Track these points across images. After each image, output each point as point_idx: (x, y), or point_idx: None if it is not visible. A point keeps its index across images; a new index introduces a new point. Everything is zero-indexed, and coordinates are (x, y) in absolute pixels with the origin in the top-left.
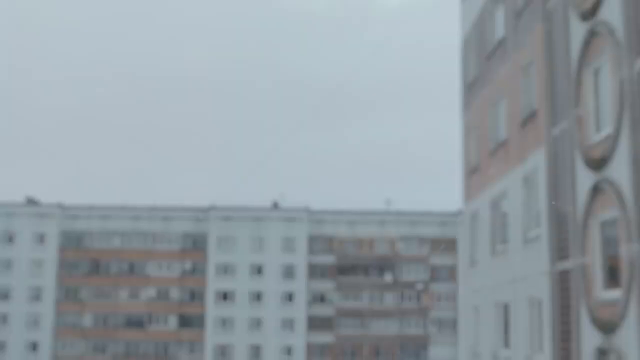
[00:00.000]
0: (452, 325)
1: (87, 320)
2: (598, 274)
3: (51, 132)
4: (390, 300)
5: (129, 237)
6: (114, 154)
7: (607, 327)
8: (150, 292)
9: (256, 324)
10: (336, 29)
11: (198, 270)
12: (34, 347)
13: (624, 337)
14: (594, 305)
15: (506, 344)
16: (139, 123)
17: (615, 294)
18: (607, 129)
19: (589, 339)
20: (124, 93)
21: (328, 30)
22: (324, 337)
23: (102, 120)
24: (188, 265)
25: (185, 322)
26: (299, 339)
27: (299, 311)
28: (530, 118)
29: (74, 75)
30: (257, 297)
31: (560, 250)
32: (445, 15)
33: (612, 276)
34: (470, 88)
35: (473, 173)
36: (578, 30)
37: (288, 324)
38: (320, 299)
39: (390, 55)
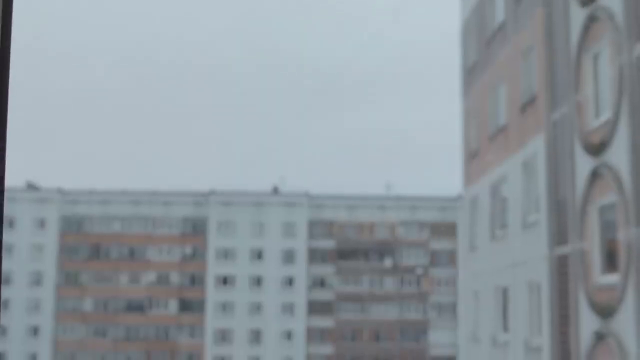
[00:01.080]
0: (452, 309)
1: (88, 304)
2: (596, 258)
3: (51, 117)
4: (390, 284)
5: (129, 221)
6: (114, 139)
7: (605, 311)
8: (150, 276)
9: (256, 308)
10: (336, 14)
11: (198, 255)
12: (34, 331)
13: (622, 321)
14: (592, 289)
15: (505, 328)
16: (139, 108)
17: (613, 278)
18: (606, 114)
19: (587, 323)
20: (124, 78)
21: (328, 16)
22: (324, 322)
23: (101, 105)
24: (188, 250)
25: (185, 306)
26: (299, 323)
27: (299, 296)
28: (530, 103)
29: (74, 59)
30: (257, 281)
31: (559, 235)
32: (445, 0)
33: (610, 261)
34: (470, 73)
35: (473, 158)
36: (578, 15)
37: (288, 309)
38: (320, 283)
39: (391, 40)
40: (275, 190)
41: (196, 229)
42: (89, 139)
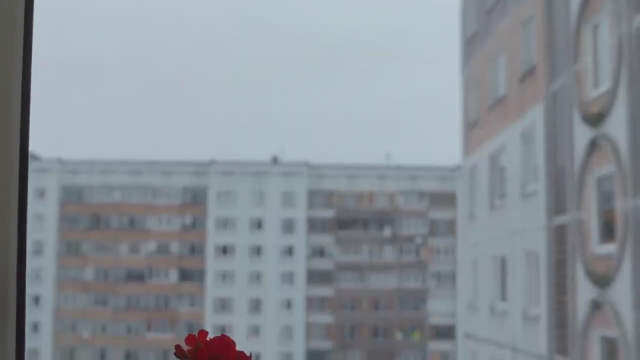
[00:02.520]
0: (451, 279)
1: (88, 274)
2: (594, 228)
3: (50, 87)
4: (389, 254)
5: (129, 191)
6: (113, 109)
7: (602, 281)
8: (150, 246)
9: (256, 277)
10: None
11: (198, 225)
12: (36, 301)
13: (618, 290)
14: (590, 259)
15: (504, 297)
16: (139, 78)
17: (610, 248)
18: (605, 85)
19: (584, 291)
20: (124, 48)
21: None
22: (324, 291)
23: (101, 75)
24: (188, 220)
25: (185, 276)
26: (299, 292)
27: (299, 265)
28: (529, 73)
29: (70, 28)
30: (257, 251)
31: (557, 205)
32: None
33: (608, 231)
34: (470, 43)
35: (472, 128)
36: None
37: (288, 278)
38: (320, 253)
39: (390, 10)
40: (275, 160)
41: (196, 199)
42: (89, 108)
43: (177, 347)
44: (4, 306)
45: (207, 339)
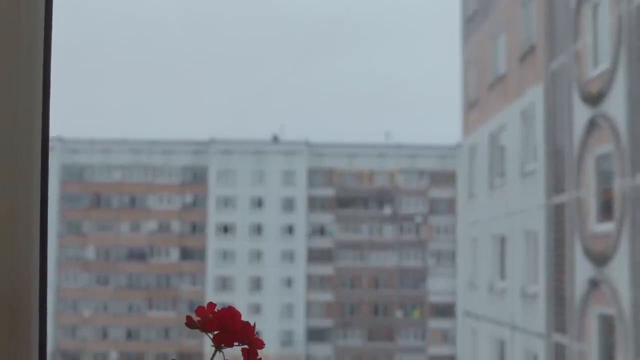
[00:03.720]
0: (450, 257)
1: (90, 253)
2: (592, 207)
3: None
4: (389, 232)
5: (129, 170)
6: (113, 88)
7: (600, 259)
8: (151, 225)
9: (256, 256)
10: None
11: (199, 204)
12: None
13: (616, 269)
14: (588, 237)
15: (503, 275)
16: (138, 57)
17: (608, 227)
18: (605, 65)
19: (582, 270)
20: (122, 28)
21: None
22: (324, 269)
23: (100, 54)
24: (189, 199)
25: (186, 254)
26: (299, 270)
27: (299, 243)
28: (529, 52)
29: (72, 7)
30: (258, 229)
31: (556, 184)
32: None
33: (606, 210)
34: (470, 22)
35: (472, 107)
36: None
37: (288, 256)
38: (320, 231)
39: None
40: (275, 139)
41: (196, 178)
42: (89, 87)
43: (188, 317)
44: (27, 294)
45: (215, 310)
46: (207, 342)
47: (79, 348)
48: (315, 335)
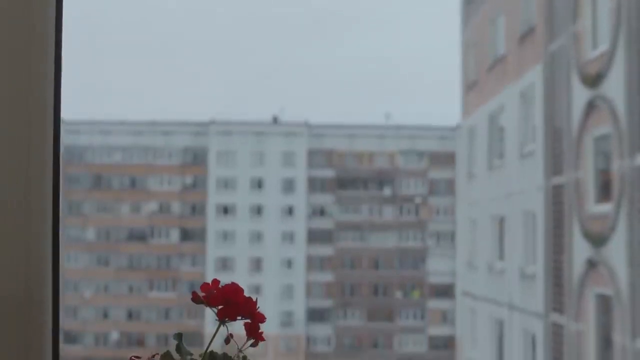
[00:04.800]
0: (450, 238)
1: (90, 234)
2: (590, 188)
3: None
4: (389, 213)
5: (130, 152)
6: (113, 69)
7: (598, 240)
8: (151, 206)
9: (256, 237)
10: None
11: (199, 185)
12: None
13: (613, 249)
14: (586, 218)
15: (501, 256)
16: (138, 38)
17: (606, 207)
18: (604, 46)
19: (580, 251)
20: (122, 10)
21: None
22: (324, 250)
23: (100, 34)
24: (189, 180)
25: (186, 235)
26: (299, 251)
27: (299, 224)
28: (528, 34)
29: None
30: (258, 210)
31: (554, 165)
32: None
33: (604, 191)
34: (470, 3)
35: (471, 88)
36: None
37: (288, 237)
38: (320, 212)
39: None
40: (275, 120)
41: (196, 159)
42: (89, 69)
43: (194, 293)
44: (40, 297)
45: (219, 286)
46: (207, 323)
47: (80, 329)
48: (315, 315)
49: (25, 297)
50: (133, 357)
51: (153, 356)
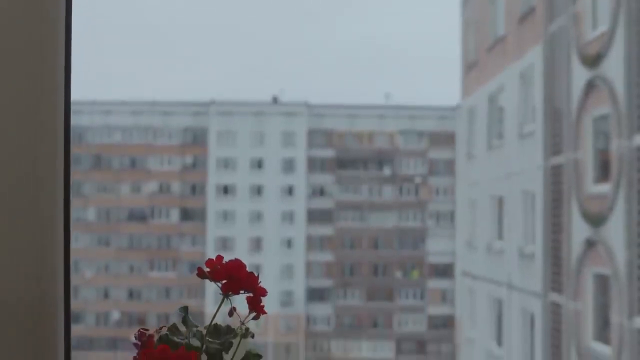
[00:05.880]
0: (449, 217)
1: (91, 214)
2: (589, 168)
3: None
4: (389, 193)
5: (130, 132)
6: (114, 50)
7: (596, 220)
8: (152, 186)
9: (256, 217)
10: None
11: (199, 165)
12: None
13: (611, 229)
14: (585, 198)
15: (500, 235)
16: (137, 19)
17: (604, 188)
18: (604, 26)
19: (579, 230)
20: None
21: None
22: (324, 230)
23: (100, 16)
24: (189, 160)
25: (186, 215)
26: (299, 231)
27: (299, 204)
28: (528, 14)
29: None
30: (258, 190)
31: (553, 146)
32: None
33: (603, 171)
34: None
35: (471, 68)
36: None
37: (288, 217)
38: (320, 192)
39: None
40: (275, 100)
41: (196, 139)
42: (89, 49)
43: (199, 269)
44: (52, 301)
45: (223, 262)
46: (208, 302)
47: (81, 308)
48: (315, 295)
49: (37, 302)
50: (141, 330)
51: (160, 328)
